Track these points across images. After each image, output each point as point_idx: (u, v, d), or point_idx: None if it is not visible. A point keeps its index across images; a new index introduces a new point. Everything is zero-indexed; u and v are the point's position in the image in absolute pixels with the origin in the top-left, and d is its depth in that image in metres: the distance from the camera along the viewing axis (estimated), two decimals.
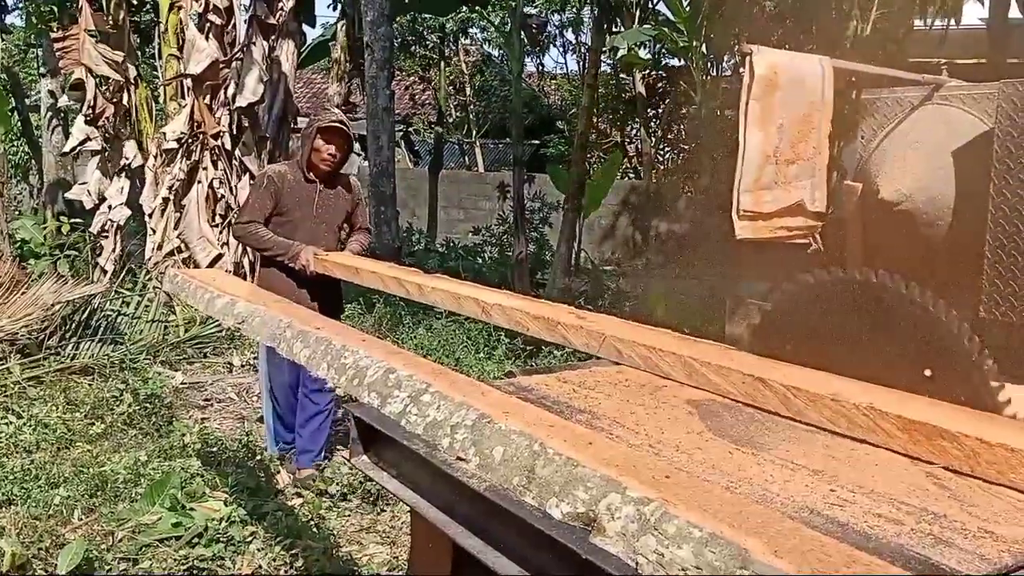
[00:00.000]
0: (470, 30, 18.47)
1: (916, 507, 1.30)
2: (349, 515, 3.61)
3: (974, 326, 1.69)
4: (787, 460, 1.48)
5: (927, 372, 1.56)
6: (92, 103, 7.24)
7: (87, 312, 6.01)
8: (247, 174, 7.24)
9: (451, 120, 18.94)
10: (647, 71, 16.07)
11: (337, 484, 3.82)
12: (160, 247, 7.14)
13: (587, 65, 10.84)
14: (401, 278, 2.77)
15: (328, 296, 3.93)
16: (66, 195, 8.68)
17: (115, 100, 7.45)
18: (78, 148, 7.56)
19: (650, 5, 13.59)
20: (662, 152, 17.25)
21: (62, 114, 10.96)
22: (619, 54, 14.27)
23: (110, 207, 7.47)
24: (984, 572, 1.09)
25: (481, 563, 1.32)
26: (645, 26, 13.01)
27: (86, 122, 7.28)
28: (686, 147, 15.98)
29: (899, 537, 1.19)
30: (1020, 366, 2.01)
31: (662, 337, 1.99)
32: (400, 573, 3.12)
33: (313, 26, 10.29)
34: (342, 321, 4.04)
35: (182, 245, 7.05)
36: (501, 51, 18.47)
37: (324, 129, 3.76)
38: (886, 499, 1.32)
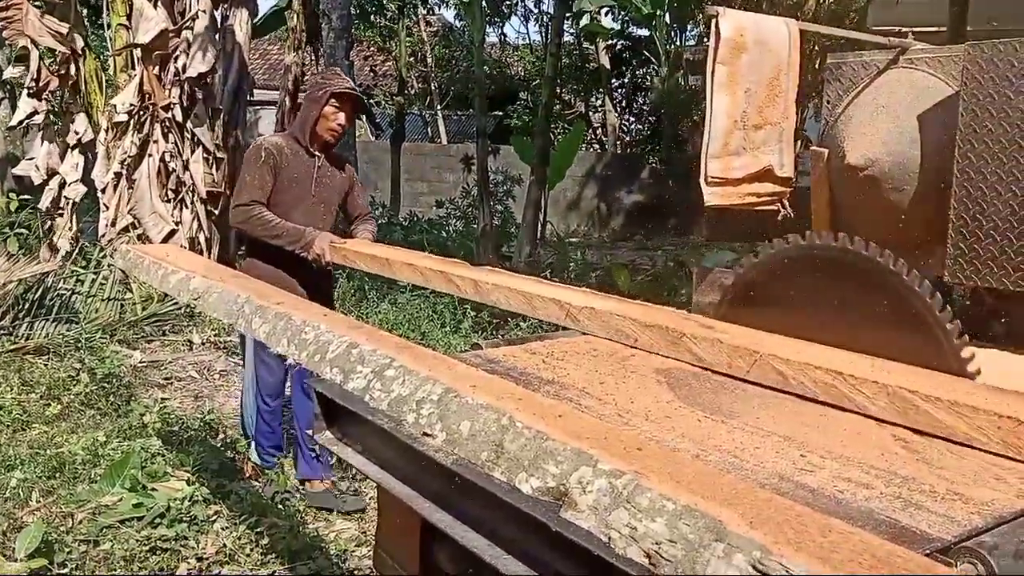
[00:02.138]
0: None
1: (885, 470, 1.29)
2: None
3: (938, 289, 1.69)
4: (757, 427, 1.47)
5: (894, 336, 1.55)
6: (36, 75, 6.97)
7: (40, 291, 5.84)
8: (200, 147, 7.05)
9: (412, 91, 18.70)
10: (611, 40, 16.02)
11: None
12: (114, 223, 6.94)
13: (550, 34, 10.73)
14: (449, 272, 2.36)
15: (324, 288, 3.52)
16: (13, 171, 8.39)
17: (62, 72, 7.19)
18: (25, 122, 7.29)
19: None
20: (626, 122, 17.25)
21: (8, 87, 10.57)
22: (582, 22, 14.17)
23: (63, 183, 7.24)
24: (954, 534, 1.08)
25: (450, 538, 1.29)
26: None
27: (29, 95, 7.02)
28: (650, 117, 16.00)
29: (869, 501, 1.19)
30: (983, 329, 2.03)
31: (842, 357, 1.55)
32: (368, 549, 3.10)
33: None
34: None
35: (135, 221, 6.87)
36: (462, 20, 18.23)
37: (337, 95, 3.31)
38: (855, 463, 1.32)
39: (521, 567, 1.15)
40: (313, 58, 9.64)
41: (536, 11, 17.90)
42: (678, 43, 14.04)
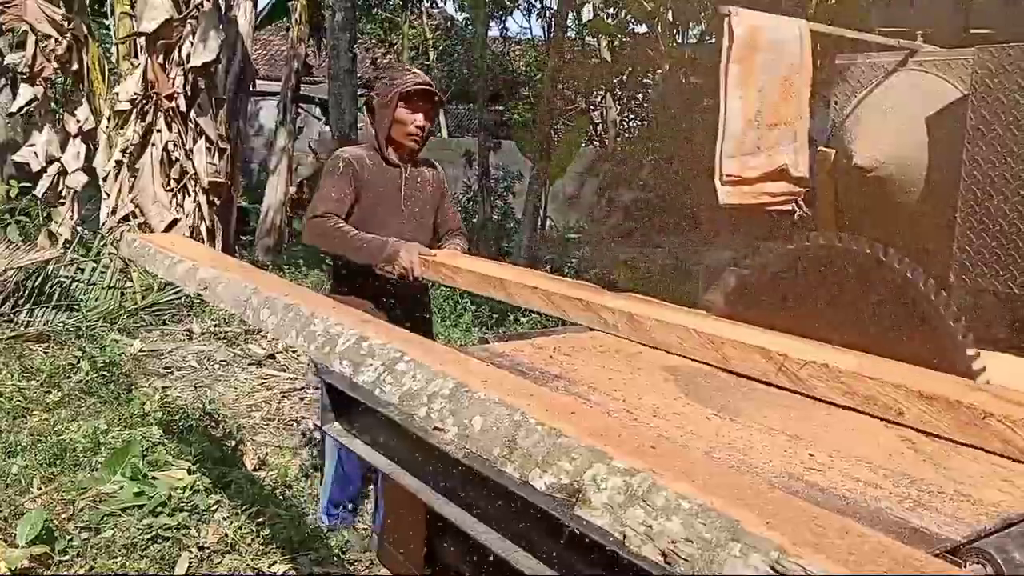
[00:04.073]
0: None
1: (893, 471, 1.30)
2: (318, 483, 3.58)
3: (945, 291, 1.70)
4: (765, 425, 1.48)
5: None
6: (31, 61, 6.96)
7: (41, 278, 5.83)
8: (203, 137, 7.05)
9: None
10: (613, 37, 15.98)
11: (308, 452, 3.79)
12: (114, 212, 6.94)
13: (553, 30, 10.73)
14: (591, 301, 2.00)
15: (422, 315, 3.09)
16: (12, 157, 8.38)
17: (64, 59, 7.17)
18: (25, 109, 7.28)
19: None
20: (627, 120, 17.24)
21: (10, 73, 10.54)
22: (584, 19, 14.12)
23: (62, 171, 7.23)
24: (963, 535, 1.09)
25: (456, 531, 1.30)
26: None
27: (23, 80, 7.01)
28: (652, 115, 15.97)
29: (878, 501, 1.20)
30: (988, 331, 2.04)
31: None
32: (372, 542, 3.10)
33: None
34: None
35: (136, 210, 6.86)
36: (465, 14, 18.19)
37: (407, 95, 2.85)
38: (864, 463, 1.33)
39: (532, 561, 1.15)
40: (317, 49, 9.64)
41: (539, 6, 17.86)
42: (680, 40, 14.01)
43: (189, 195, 6.99)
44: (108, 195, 6.97)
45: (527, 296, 2.18)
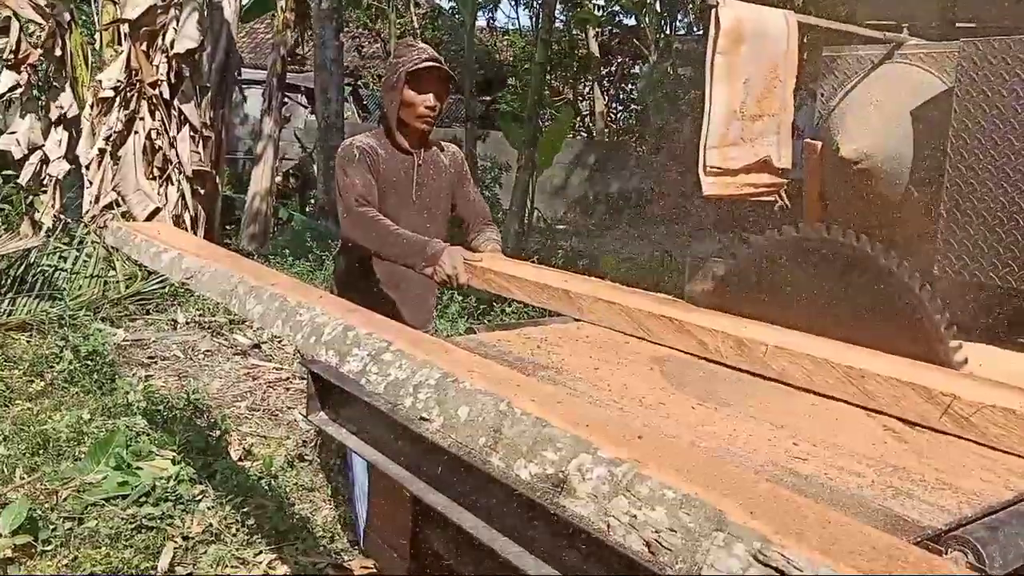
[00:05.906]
0: None
1: (875, 459, 1.32)
2: (303, 473, 3.57)
3: (928, 282, 1.71)
4: (749, 415, 1.49)
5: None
6: (15, 47, 6.87)
7: (23, 267, 5.77)
8: (187, 125, 6.98)
9: None
10: (600, 28, 15.97)
11: (293, 442, 3.78)
12: (97, 200, 6.87)
13: (541, 19, 10.70)
14: (685, 321, 1.76)
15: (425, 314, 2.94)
16: None
17: (47, 46, 7.08)
18: (6, 95, 7.19)
19: None
20: (614, 111, 17.23)
21: None
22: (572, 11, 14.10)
23: (44, 159, 7.15)
24: (944, 523, 1.11)
25: (441, 520, 1.30)
26: None
27: (8, 67, 6.92)
28: (638, 106, 15.98)
29: (861, 489, 1.21)
30: (970, 322, 2.06)
31: None
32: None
33: None
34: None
35: (119, 198, 6.80)
36: (452, 3, 18.11)
37: (415, 73, 2.62)
38: (846, 452, 1.34)
39: (517, 548, 1.16)
40: (301, 38, 9.57)
41: None
42: (667, 32, 14.04)
43: (172, 183, 6.94)
44: (91, 183, 6.90)
45: (601, 311, 1.97)
